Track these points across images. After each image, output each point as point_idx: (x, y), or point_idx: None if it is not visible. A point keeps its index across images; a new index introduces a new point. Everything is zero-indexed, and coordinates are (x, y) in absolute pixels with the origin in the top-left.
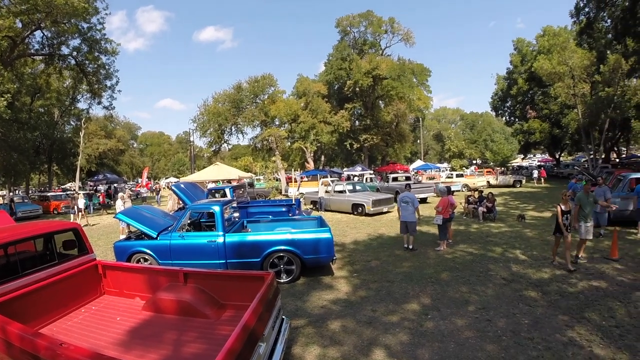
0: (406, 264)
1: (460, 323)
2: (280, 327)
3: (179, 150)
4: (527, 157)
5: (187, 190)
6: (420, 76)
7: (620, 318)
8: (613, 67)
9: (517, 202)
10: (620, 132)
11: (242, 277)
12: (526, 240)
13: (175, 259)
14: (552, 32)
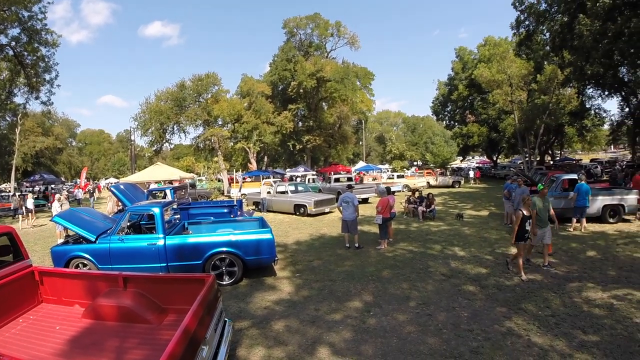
0: (348, 262)
1: (402, 318)
2: (223, 329)
3: (119, 149)
4: (465, 159)
5: (126, 191)
6: (363, 79)
7: (556, 308)
8: (549, 76)
9: (456, 202)
10: (555, 136)
11: (182, 280)
12: (464, 238)
13: (115, 264)
14: (493, 42)
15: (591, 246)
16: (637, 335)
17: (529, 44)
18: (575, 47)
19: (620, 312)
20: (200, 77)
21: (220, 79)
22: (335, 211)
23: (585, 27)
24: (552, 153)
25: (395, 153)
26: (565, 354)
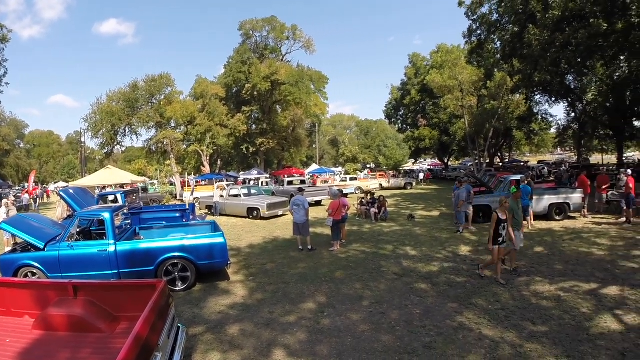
0: (301, 265)
1: (355, 318)
2: (176, 335)
3: (69, 151)
4: (418, 162)
5: (76, 196)
6: (318, 83)
7: (505, 301)
8: (499, 83)
9: (408, 203)
10: (504, 139)
11: (133, 287)
12: (416, 238)
13: (66, 272)
14: (445, 50)
15: (539, 242)
16: (585, 324)
17: (480, 52)
18: (524, 55)
19: (567, 303)
20: (154, 77)
21: (174, 80)
22: (289, 214)
23: (535, 37)
24: (501, 155)
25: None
26: (516, 344)
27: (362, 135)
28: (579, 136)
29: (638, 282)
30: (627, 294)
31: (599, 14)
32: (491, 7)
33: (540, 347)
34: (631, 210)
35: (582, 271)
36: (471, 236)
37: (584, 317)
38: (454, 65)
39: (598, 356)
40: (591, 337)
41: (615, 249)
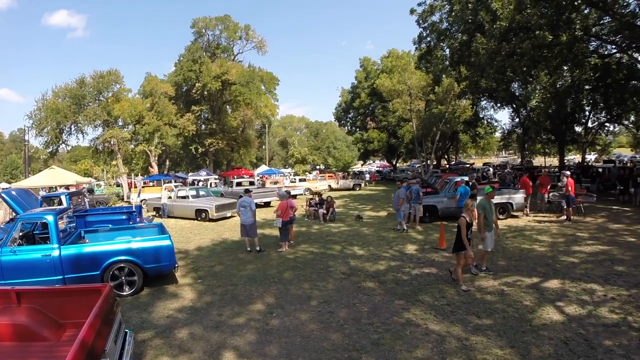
0: (250, 266)
1: (304, 317)
2: (124, 341)
3: (12, 150)
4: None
5: (18, 197)
6: (268, 84)
7: (451, 297)
8: (447, 89)
9: (356, 204)
10: (450, 142)
11: (78, 292)
12: (363, 238)
13: (9, 278)
14: (396, 55)
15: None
16: (527, 316)
17: (429, 58)
18: (471, 63)
19: (510, 296)
20: (102, 73)
21: (123, 77)
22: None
23: (482, 46)
24: (448, 157)
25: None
26: (462, 338)
27: (312, 136)
28: (522, 140)
29: (578, 276)
30: (568, 286)
31: (544, 26)
32: (441, 16)
33: (485, 339)
34: (571, 209)
35: (524, 266)
36: (417, 235)
37: (526, 309)
38: (404, 70)
39: (541, 345)
40: (534, 328)
41: (556, 245)
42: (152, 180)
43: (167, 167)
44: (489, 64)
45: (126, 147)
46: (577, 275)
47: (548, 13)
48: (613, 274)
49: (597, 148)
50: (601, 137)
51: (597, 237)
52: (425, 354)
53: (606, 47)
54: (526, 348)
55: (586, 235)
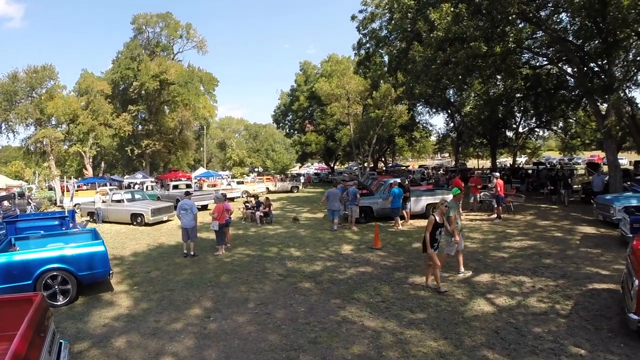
0: (186, 271)
1: (241, 320)
2: (59, 352)
3: None
4: (304, 166)
5: None
6: (207, 85)
7: (385, 294)
8: (384, 94)
9: (294, 206)
10: (387, 145)
11: (8, 303)
12: (300, 239)
13: None
14: (336, 60)
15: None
16: (460, 309)
17: (367, 64)
18: (408, 70)
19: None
20: (36, 68)
21: (58, 73)
22: (174, 219)
23: (419, 54)
24: (384, 160)
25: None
26: (397, 332)
27: (251, 139)
28: (456, 144)
29: (507, 269)
30: (498, 279)
31: (479, 37)
32: (382, 24)
33: (420, 333)
34: (501, 207)
35: (455, 263)
36: (353, 235)
37: (459, 302)
38: (343, 74)
39: (473, 335)
40: (466, 319)
41: (487, 241)
42: (86, 183)
43: (102, 169)
44: (424, 71)
45: (59, 148)
46: (506, 269)
47: (484, 26)
48: (541, 267)
49: (527, 151)
50: (531, 141)
51: (525, 233)
52: (361, 350)
53: (538, 59)
54: (459, 339)
55: (515, 231)
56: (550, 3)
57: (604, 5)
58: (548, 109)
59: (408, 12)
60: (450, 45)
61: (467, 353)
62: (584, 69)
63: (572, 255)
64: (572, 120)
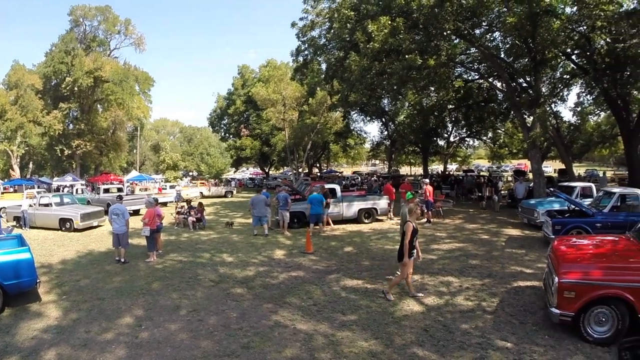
0: (117, 278)
1: (174, 328)
2: None
3: None
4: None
5: None
6: (143, 84)
7: (317, 297)
8: (320, 101)
9: (227, 211)
10: (322, 151)
11: None
12: (233, 245)
13: None
14: (274, 65)
15: (348, 243)
16: (390, 309)
17: (305, 70)
18: (344, 78)
19: (374, 293)
20: None
21: None
22: (105, 225)
23: (355, 63)
24: (319, 166)
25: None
26: (329, 334)
27: (186, 142)
28: (390, 151)
29: (436, 270)
30: (427, 280)
31: (415, 50)
32: (321, 32)
33: (351, 334)
34: (430, 212)
35: (387, 265)
36: (286, 240)
37: (389, 303)
38: (280, 80)
39: (403, 334)
40: (396, 319)
41: None
42: (12, 185)
43: (30, 170)
44: (359, 80)
45: None
46: (435, 270)
47: (419, 39)
48: (468, 267)
49: (458, 159)
50: (462, 149)
51: (454, 236)
52: (294, 353)
53: (470, 73)
54: (389, 338)
55: (444, 234)
56: (484, 22)
57: (534, 26)
58: (478, 120)
59: (347, 22)
60: (386, 56)
61: (398, 351)
62: (513, 84)
63: (498, 255)
64: (501, 131)
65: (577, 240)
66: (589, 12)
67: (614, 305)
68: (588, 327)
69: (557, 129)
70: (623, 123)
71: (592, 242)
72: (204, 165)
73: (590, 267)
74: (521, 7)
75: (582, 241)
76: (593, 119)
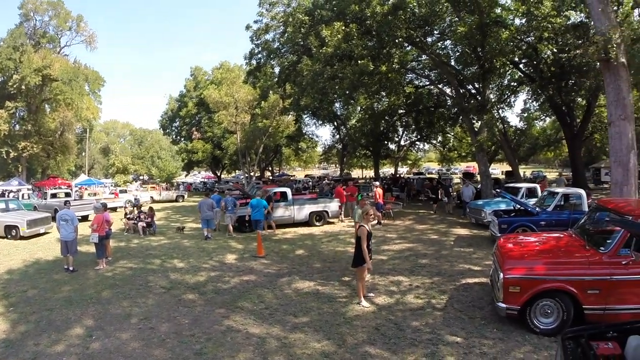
0: (66, 288)
1: (125, 337)
2: None
3: None
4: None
5: None
6: (93, 84)
7: (269, 301)
8: (272, 104)
9: (178, 216)
10: (274, 155)
11: None
12: (184, 250)
13: None
14: (227, 67)
15: (300, 246)
16: (341, 310)
17: (258, 74)
18: (296, 82)
19: (325, 295)
20: None
21: None
22: (53, 232)
23: (307, 67)
24: (271, 169)
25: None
26: (281, 337)
27: (136, 144)
28: (342, 154)
29: (386, 270)
30: (377, 280)
31: (367, 56)
32: (275, 36)
33: (304, 336)
34: (380, 214)
35: (337, 267)
36: (237, 244)
37: (340, 304)
38: (232, 83)
39: (355, 334)
40: (348, 319)
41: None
42: None
43: None
44: (311, 85)
45: None
46: (385, 270)
47: (372, 46)
48: (418, 267)
49: (408, 162)
50: (412, 153)
51: (404, 237)
52: (247, 357)
53: (421, 79)
54: (342, 338)
55: (394, 235)
56: (436, 31)
57: (484, 36)
58: (428, 124)
59: (302, 26)
60: (339, 61)
61: (350, 351)
62: (462, 90)
63: (446, 254)
64: (450, 135)
65: (521, 238)
66: (537, 24)
67: (558, 297)
68: (535, 319)
69: (504, 133)
70: (567, 128)
71: (536, 239)
72: (154, 169)
73: (533, 262)
74: (472, 17)
75: (526, 238)
76: (539, 124)
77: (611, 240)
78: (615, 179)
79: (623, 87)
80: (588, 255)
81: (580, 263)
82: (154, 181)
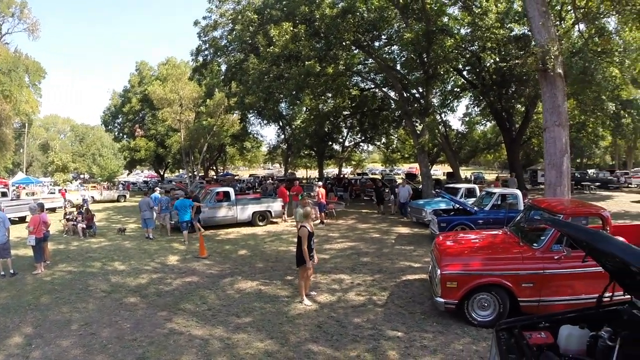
0: (1, 294)
1: (66, 344)
2: None
3: None
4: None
5: None
6: (33, 76)
7: (212, 302)
8: (218, 102)
9: (120, 216)
10: (218, 154)
11: None
12: (125, 252)
13: None
14: (173, 63)
15: (242, 246)
16: (284, 309)
17: (204, 71)
18: (242, 81)
19: (267, 294)
20: None
21: None
22: None
23: (254, 66)
24: (216, 168)
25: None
26: (224, 338)
27: (77, 141)
28: (286, 154)
29: (328, 269)
30: (319, 279)
31: (313, 57)
32: (223, 33)
33: (247, 336)
34: (323, 213)
35: (280, 266)
36: (179, 246)
37: (283, 303)
38: (178, 79)
39: (298, 332)
40: (290, 318)
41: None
42: None
43: None
44: (257, 83)
45: None
46: (327, 268)
47: (319, 47)
48: (359, 265)
49: (352, 163)
50: (356, 154)
51: (346, 236)
52: (190, 359)
53: (366, 82)
54: (284, 337)
55: (337, 235)
56: (384, 36)
57: (429, 43)
58: (372, 126)
59: (250, 25)
60: (285, 61)
61: (293, 349)
62: (406, 94)
63: (388, 252)
64: (394, 137)
65: (459, 236)
66: (481, 34)
67: (494, 291)
68: (472, 312)
69: (446, 136)
70: (506, 132)
71: (473, 236)
72: (95, 167)
73: (470, 259)
74: (419, 24)
75: (463, 236)
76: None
77: (544, 237)
78: (550, 180)
79: (559, 96)
80: (522, 251)
81: (514, 259)
82: (95, 180)
